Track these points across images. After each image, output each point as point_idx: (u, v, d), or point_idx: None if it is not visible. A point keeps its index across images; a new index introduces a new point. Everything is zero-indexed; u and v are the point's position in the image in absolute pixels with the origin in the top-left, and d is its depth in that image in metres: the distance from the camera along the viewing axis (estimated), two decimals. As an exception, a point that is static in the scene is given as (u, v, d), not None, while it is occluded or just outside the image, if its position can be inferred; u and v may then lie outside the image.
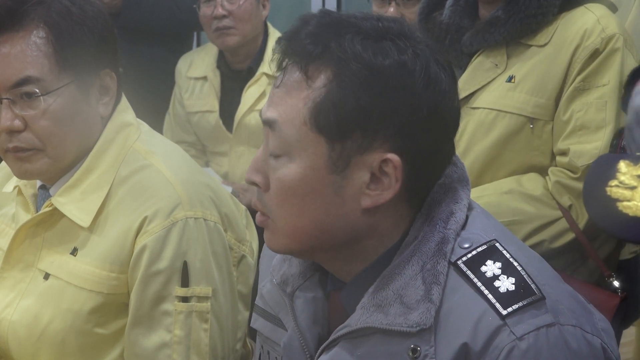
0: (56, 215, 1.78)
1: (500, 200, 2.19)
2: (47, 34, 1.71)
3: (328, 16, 1.32)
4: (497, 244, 1.31)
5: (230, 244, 1.84)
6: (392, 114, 1.27)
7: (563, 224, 2.21)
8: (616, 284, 2.18)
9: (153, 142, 1.85)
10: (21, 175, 1.80)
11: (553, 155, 2.25)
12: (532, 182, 2.24)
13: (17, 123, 1.71)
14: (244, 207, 1.96)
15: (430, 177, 1.34)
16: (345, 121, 1.27)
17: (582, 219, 2.19)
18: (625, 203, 1.87)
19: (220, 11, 3.44)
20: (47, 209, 1.78)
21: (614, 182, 1.89)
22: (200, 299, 1.75)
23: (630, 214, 1.88)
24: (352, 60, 1.26)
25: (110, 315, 1.76)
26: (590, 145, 2.18)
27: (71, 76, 1.72)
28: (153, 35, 3.77)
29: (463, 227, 1.33)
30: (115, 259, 1.74)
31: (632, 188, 1.90)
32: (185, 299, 1.74)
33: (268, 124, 1.32)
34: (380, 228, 1.33)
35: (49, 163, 1.75)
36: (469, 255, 1.30)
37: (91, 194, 1.76)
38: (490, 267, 1.28)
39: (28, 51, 1.70)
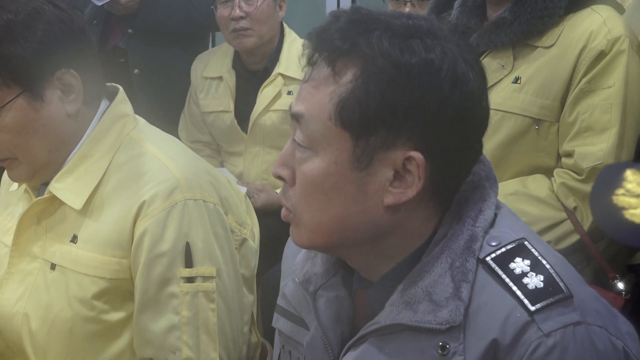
0: (56, 203, 1.81)
1: (505, 202, 2.14)
2: None
3: (358, 12, 1.31)
4: (526, 242, 1.31)
5: (231, 227, 1.85)
6: (417, 112, 1.26)
7: (568, 225, 2.21)
8: (620, 285, 2.18)
9: (149, 132, 1.87)
10: (12, 180, 1.85)
11: (559, 157, 2.25)
12: (537, 184, 2.24)
13: None
14: (243, 193, 1.97)
15: (457, 177, 1.34)
16: (369, 117, 1.27)
17: (586, 221, 2.19)
18: (631, 211, 1.87)
19: (237, 12, 3.45)
20: (47, 196, 1.81)
21: (620, 191, 1.89)
22: (205, 278, 1.76)
23: (637, 221, 1.88)
24: (379, 57, 1.26)
25: (116, 302, 1.78)
26: (595, 147, 2.17)
27: (19, 88, 1.73)
28: (169, 36, 3.78)
29: (491, 225, 1.33)
30: (116, 244, 1.75)
31: (639, 196, 1.90)
32: (190, 280, 1.75)
33: (295, 117, 1.32)
34: (405, 226, 1.32)
35: (27, 168, 1.80)
36: (498, 252, 1.29)
37: (85, 178, 1.78)
38: (519, 264, 1.28)
39: None
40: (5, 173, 1.88)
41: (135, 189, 1.76)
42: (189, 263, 1.75)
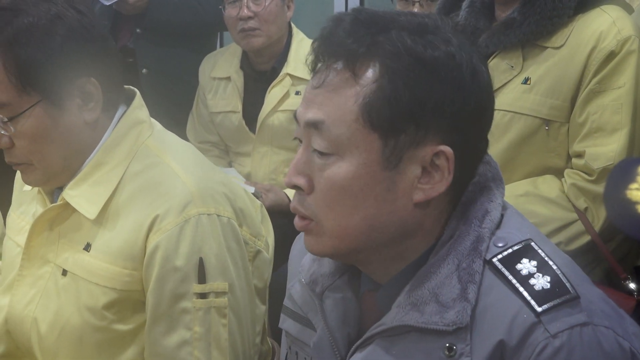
0: (69, 209, 1.80)
1: (516, 203, 2.16)
2: (3, 61, 1.70)
3: (363, 13, 1.30)
4: (532, 243, 1.31)
5: (245, 239, 1.84)
6: (444, 105, 1.27)
7: (579, 226, 2.20)
8: (632, 286, 2.17)
9: (165, 140, 1.85)
10: (27, 184, 1.85)
11: (569, 157, 2.24)
12: (547, 185, 2.23)
13: (4, 141, 1.75)
14: (259, 203, 1.97)
15: (472, 172, 1.35)
16: (399, 115, 1.26)
17: (597, 222, 2.19)
18: (646, 206, 1.86)
19: (245, 12, 3.44)
20: (60, 202, 1.80)
21: (634, 186, 1.89)
22: (218, 294, 1.76)
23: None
24: (404, 54, 1.26)
25: (126, 312, 1.78)
26: (605, 148, 2.17)
27: (39, 95, 1.72)
28: (177, 36, 3.79)
29: (498, 226, 1.33)
30: (127, 255, 1.75)
31: (653, 192, 1.89)
32: (203, 295, 1.75)
33: (313, 125, 1.29)
34: (425, 224, 1.32)
35: (42, 173, 1.79)
36: (505, 254, 1.30)
37: (100, 186, 1.77)
38: (526, 265, 1.28)
39: None
40: (18, 172, 1.89)
41: (149, 201, 1.75)
42: (202, 279, 1.74)
